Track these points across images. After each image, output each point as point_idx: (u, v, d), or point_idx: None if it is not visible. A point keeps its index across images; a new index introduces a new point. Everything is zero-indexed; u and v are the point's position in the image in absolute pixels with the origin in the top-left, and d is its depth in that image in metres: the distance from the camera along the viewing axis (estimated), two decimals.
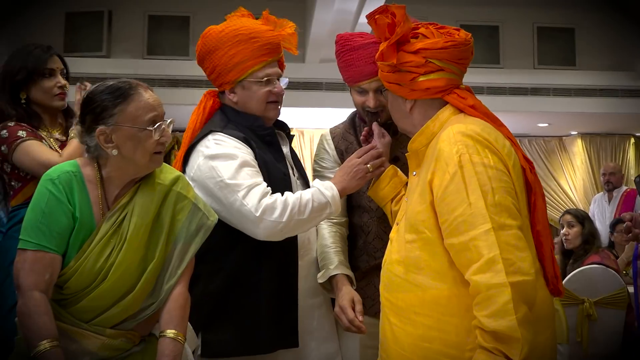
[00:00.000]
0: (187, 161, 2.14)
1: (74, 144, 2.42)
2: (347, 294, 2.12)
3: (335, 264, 2.19)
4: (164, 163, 1.98)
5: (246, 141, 2.12)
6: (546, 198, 9.68)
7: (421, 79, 1.77)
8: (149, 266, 1.87)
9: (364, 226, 2.33)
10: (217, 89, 2.29)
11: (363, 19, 6.05)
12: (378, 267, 2.12)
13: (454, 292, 1.64)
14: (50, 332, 1.71)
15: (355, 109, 2.40)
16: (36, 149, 2.40)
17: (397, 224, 1.87)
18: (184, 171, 2.13)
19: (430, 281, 1.67)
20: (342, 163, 2.24)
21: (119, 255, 1.83)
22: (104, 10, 8.10)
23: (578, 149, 9.41)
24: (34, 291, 1.73)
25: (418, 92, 1.80)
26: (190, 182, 2.05)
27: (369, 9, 5.85)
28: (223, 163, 2.03)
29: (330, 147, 2.40)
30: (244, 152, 2.07)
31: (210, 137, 2.11)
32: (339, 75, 2.26)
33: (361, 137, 2.23)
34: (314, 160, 2.47)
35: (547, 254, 1.72)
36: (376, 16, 1.79)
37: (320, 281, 2.21)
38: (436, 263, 1.67)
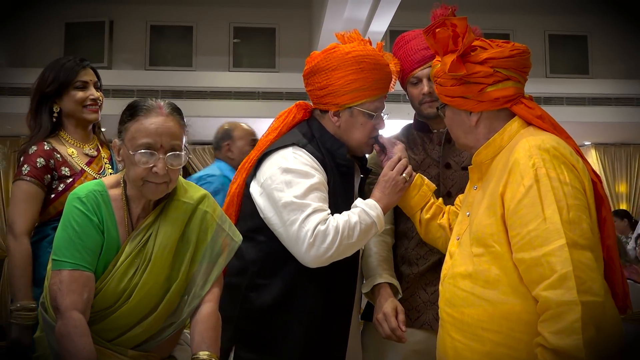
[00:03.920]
0: (260, 165, 2.11)
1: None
2: (390, 302, 2.10)
3: (380, 272, 2.17)
4: (189, 182, 1.97)
5: (323, 164, 2.09)
6: None
7: (489, 89, 1.75)
8: (173, 286, 1.86)
9: (409, 232, 2.28)
10: (313, 104, 2.25)
11: (373, 28, 5.97)
12: (422, 277, 2.21)
13: (525, 307, 1.59)
14: (90, 354, 1.68)
15: (409, 122, 2.44)
16: (19, 199, 2.39)
17: (458, 239, 1.83)
18: (254, 174, 2.11)
19: (500, 296, 1.63)
20: None
21: (143, 276, 1.82)
22: (105, 20, 8.03)
23: (592, 159, 9.27)
24: (72, 311, 1.71)
25: (486, 104, 1.78)
26: (259, 188, 2.06)
27: (379, 18, 5.79)
28: (296, 179, 2.00)
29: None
30: (319, 175, 2.05)
31: (291, 149, 2.08)
32: None
33: (376, 151, 2.23)
34: None
35: (617, 270, 1.69)
36: (437, 30, 1.77)
37: (364, 290, 2.19)
38: (508, 277, 1.63)
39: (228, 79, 7.91)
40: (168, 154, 1.78)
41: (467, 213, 1.84)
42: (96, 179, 2.36)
